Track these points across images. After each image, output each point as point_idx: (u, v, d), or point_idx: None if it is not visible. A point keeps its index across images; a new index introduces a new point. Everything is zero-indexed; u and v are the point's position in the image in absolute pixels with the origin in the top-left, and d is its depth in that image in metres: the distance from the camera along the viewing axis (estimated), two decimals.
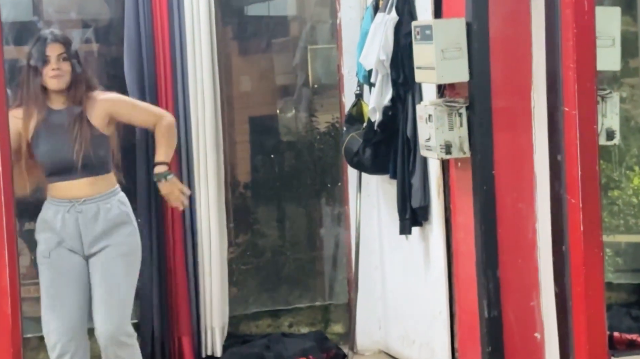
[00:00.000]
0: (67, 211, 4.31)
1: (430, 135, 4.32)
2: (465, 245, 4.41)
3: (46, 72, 4.29)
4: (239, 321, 5.45)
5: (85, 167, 4.30)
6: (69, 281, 4.32)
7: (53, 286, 4.33)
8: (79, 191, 4.31)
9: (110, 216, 4.33)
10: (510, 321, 4.19)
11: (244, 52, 5.71)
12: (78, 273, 4.34)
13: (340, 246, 5.62)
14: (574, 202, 3.49)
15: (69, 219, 4.31)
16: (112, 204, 4.35)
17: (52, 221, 4.32)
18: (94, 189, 4.33)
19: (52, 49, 4.30)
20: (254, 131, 5.68)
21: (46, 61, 4.28)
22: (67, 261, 4.32)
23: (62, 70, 4.30)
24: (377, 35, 4.71)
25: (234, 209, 5.53)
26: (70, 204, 4.30)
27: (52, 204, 4.34)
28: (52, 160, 4.30)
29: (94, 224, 4.31)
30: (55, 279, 4.32)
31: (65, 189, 4.31)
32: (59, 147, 4.29)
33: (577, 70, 3.40)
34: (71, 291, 4.32)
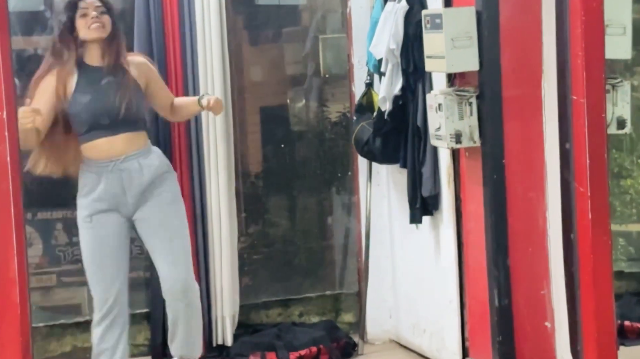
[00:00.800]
0: (110, 170, 4.28)
1: (441, 124, 4.32)
2: (476, 234, 4.41)
3: (85, 24, 4.25)
4: (249, 310, 5.45)
5: (125, 121, 4.26)
6: (113, 244, 4.33)
7: (98, 251, 4.32)
8: (118, 149, 4.28)
9: (152, 170, 4.33)
10: (520, 309, 4.19)
11: (254, 42, 5.71)
12: (121, 235, 4.35)
13: (351, 236, 5.62)
14: (583, 191, 3.48)
15: (112, 180, 4.28)
16: (151, 158, 4.36)
17: (94, 185, 4.29)
18: (133, 146, 4.31)
19: (90, 2, 4.29)
20: (265, 121, 5.68)
21: (84, 15, 4.26)
22: (111, 224, 4.31)
23: (102, 20, 4.29)
24: (388, 24, 4.70)
25: (245, 199, 5.53)
26: (112, 163, 4.28)
27: (92, 167, 4.30)
28: (93, 113, 4.24)
29: (139, 180, 4.30)
30: (99, 243, 4.31)
31: (105, 148, 4.27)
32: (100, 100, 4.25)
33: (585, 58, 3.40)
34: (116, 254, 4.34)
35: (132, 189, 4.31)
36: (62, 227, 5.27)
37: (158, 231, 4.35)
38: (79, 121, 4.28)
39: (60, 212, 5.24)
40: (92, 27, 4.25)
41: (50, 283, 5.29)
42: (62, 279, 5.30)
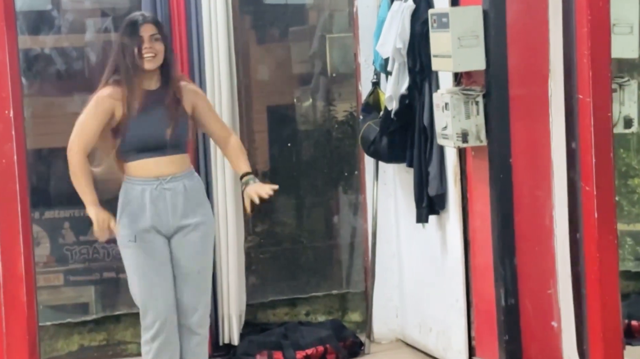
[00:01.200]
0: (155, 188, 4.28)
1: (447, 123, 4.32)
2: (482, 233, 4.41)
3: (140, 53, 4.28)
4: (256, 310, 5.46)
5: (174, 145, 4.29)
6: (161, 262, 4.30)
7: (147, 269, 4.27)
8: (166, 168, 4.28)
9: (194, 193, 4.34)
10: (527, 309, 4.19)
11: (261, 41, 5.72)
12: (166, 253, 4.32)
13: (357, 235, 5.62)
14: (589, 190, 3.48)
15: (157, 197, 4.27)
16: (194, 181, 4.37)
17: (139, 201, 4.28)
18: (179, 167, 4.32)
19: (145, 29, 4.29)
20: (272, 120, 5.69)
21: (139, 42, 4.28)
22: (156, 242, 4.28)
23: (155, 49, 4.30)
24: (394, 24, 4.70)
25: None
26: (157, 182, 4.28)
27: (137, 184, 4.28)
28: (145, 137, 4.25)
29: (183, 201, 4.30)
30: (147, 261, 4.27)
31: (153, 167, 4.28)
32: (154, 125, 4.26)
33: (591, 57, 3.39)
34: (164, 272, 4.30)
35: (176, 209, 4.31)
36: (69, 226, 5.28)
37: (190, 262, 4.34)
38: (129, 142, 4.29)
39: (67, 211, 5.25)
40: (145, 57, 4.27)
41: (58, 281, 5.30)
42: (69, 278, 5.32)
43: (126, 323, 5.31)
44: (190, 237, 4.32)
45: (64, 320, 5.22)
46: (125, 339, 5.32)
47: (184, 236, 4.32)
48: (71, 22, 5.20)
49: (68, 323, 5.23)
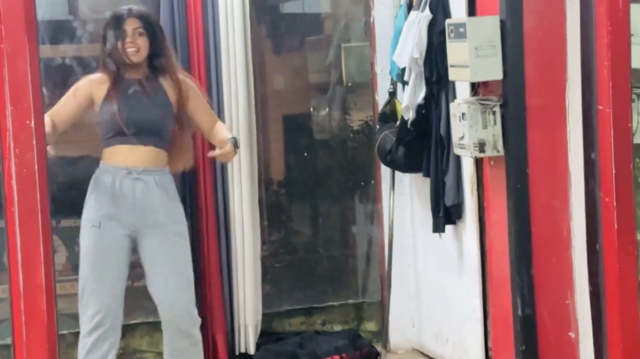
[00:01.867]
0: (124, 177, 4.28)
1: (464, 133, 4.31)
2: (499, 243, 4.39)
3: (122, 46, 4.31)
4: (272, 319, 5.46)
5: (151, 134, 4.29)
6: (117, 256, 4.28)
7: (99, 258, 4.27)
8: (139, 159, 4.29)
9: (165, 193, 4.33)
10: (544, 319, 4.17)
11: (277, 50, 5.73)
12: (124, 249, 4.30)
13: (374, 244, 5.62)
14: (608, 201, 3.47)
15: (126, 187, 4.27)
16: (167, 179, 4.36)
17: (109, 186, 4.27)
18: (154, 161, 4.32)
19: (129, 23, 4.33)
20: (288, 129, 5.69)
21: (122, 36, 4.31)
22: (117, 234, 4.27)
23: (137, 44, 4.32)
24: (411, 33, 4.71)
25: (267, 207, 5.54)
26: (128, 171, 4.29)
27: (109, 169, 4.29)
28: (120, 118, 4.26)
29: (152, 196, 4.29)
30: (104, 251, 4.27)
31: (127, 154, 4.28)
32: (132, 108, 4.29)
33: (611, 68, 3.38)
34: (116, 266, 4.29)
35: (142, 204, 4.29)
36: None
37: (164, 262, 4.33)
38: (104, 126, 4.31)
39: None
40: (127, 51, 4.29)
41: (74, 290, 5.30)
42: None
43: (142, 331, 5.31)
44: (159, 242, 4.29)
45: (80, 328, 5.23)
46: (141, 348, 5.33)
47: (155, 236, 4.29)
48: (90, 32, 5.22)
49: None
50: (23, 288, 2.78)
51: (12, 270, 2.81)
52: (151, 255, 4.32)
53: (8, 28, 2.81)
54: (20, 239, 2.78)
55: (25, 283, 2.77)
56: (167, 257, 4.32)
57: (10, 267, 2.81)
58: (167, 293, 4.31)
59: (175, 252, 4.33)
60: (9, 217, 2.81)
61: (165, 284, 4.31)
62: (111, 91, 4.31)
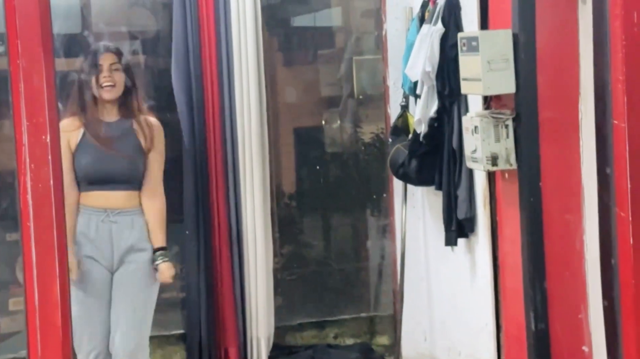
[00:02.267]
0: (102, 220, 4.30)
1: (476, 146, 4.31)
2: (512, 257, 4.38)
3: (98, 82, 4.30)
4: (284, 332, 5.46)
5: (127, 180, 4.31)
6: (100, 294, 4.30)
7: (84, 298, 4.29)
8: (115, 202, 4.31)
9: (142, 231, 4.34)
10: (557, 334, 4.16)
11: (289, 63, 5.74)
12: (106, 286, 4.32)
13: (386, 257, 5.61)
14: (624, 216, 3.45)
15: (102, 229, 4.29)
16: (141, 220, 4.36)
17: (85, 230, 4.30)
18: (130, 202, 4.33)
19: (104, 58, 4.32)
20: (300, 142, 5.70)
21: (98, 71, 4.31)
22: (97, 273, 4.30)
23: (114, 79, 4.32)
24: (423, 47, 4.71)
25: (279, 220, 5.55)
26: (105, 213, 4.30)
27: (85, 213, 4.31)
28: (95, 170, 4.29)
29: (128, 235, 4.31)
30: (85, 290, 4.29)
31: (103, 199, 4.31)
32: (106, 158, 4.29)
33: (626, 82, 3.37)
34: (101, 304, 4.31)
35: (119, 244, 4.31)
36: None
37: (127, 298, 4.33)
38: (79, 174, 4.31)
39: None
40: (103, 86, 4.29)
41: None
42: None
43: (154, 345, 5.31)
44: (127, 274, 4.30)
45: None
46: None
47: (123, 272, 4.30)
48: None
49: None
50: (38, 303, 2.78)
51: (27, 285, 2.81)
52: (117, 289, 4.33)
53: (24, 43, 2.82)
54: (36, 254, 2.78)
55: (41, 298, 2.77)
56: (130, 293, 4.32)
57: (26, 282, 2.81)
58: (119, 327, 4.31)
59: (139, 289, 4.34)
60: (25, 232, 2.81)
61: (120, 320, 4.31)
62: (84, 140, 4.31)
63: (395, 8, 5.35)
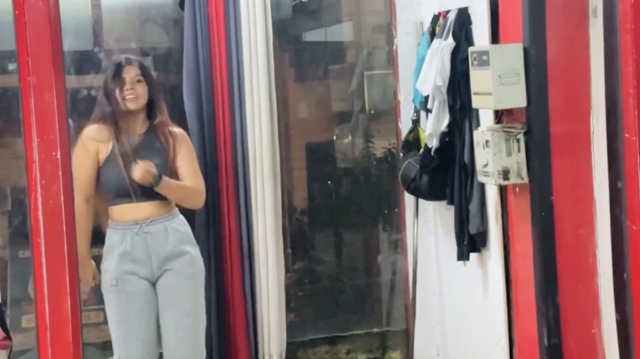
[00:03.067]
0: (135, 233, 4.32)
1: (488, 161, 4.30)
2: (524, 271, 4.37)
3: (121, 94, 4.33)
4: (296, 348, 5.45)
5: (154, 192, 4.33)
6: (141, 308, 4.31)
7: (126, 315, 4.30)
8: (144, 213, 4.33)
9: (177, 235, 4.36)
10: (570, 349, 4.14)
11: (301, 79, 5.75)
12: (148, 299, 4.33)
13: (398, 272, 5.60)
14: (635, 229, 3.45)
15: (137, 242, 4.31)
16: (177, 222, 4.39)
17: (120, 246, 4.32)
18: (160, 210, 4.36)
19: (127, 71, 4.35)
20: (311, 157, 5.71)
21: (121, 83, 4.33)
22: (137, 287, 4.30)
23: (137, 91, 4.35)
24: (434, 61, 4.71)
25: (291, 235, 5.55)
26: (137, 226, 4.32)
27: (118, 229, 4.34)
28: (125, 183, 4.31)
29: (164, 243, 4.32)
30: (127, 307, 4.30)
31: (132, 212, 4.33)
32: (129, 171, 4.31)
33: (637, 96, 3.37)
34: (144, 319, 4.31)
35: (157, 252, 4.32)
36: None
37: (174, 303, 4.34)
38: (107, 187, 4.34)
39: None
40: (127, 98, 4.32)
41: (98, 319, 5.32)
42: None
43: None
44: (173, 281, 4.31)
45: (105, 358, 5.24)
46: None
47: (167, 279, 4.31)
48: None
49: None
50: (49, 320, 2.79)
51: (38, 301, 2.82)
52: (163, 297, 4.33)
53: (35, 60, 2.84)
54: (47, 270, 2.79)
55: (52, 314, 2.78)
56: (177, 299, 4.33)
57: (37, 298, 2.82)
58: (174, 336, 4.30)
59: (186, 294, 4.34)
60: (35, 248, 2.82)
61: (171, 329, 4.31)
62: (114, 153, 4.33)
63: (406, 23, 5.36)
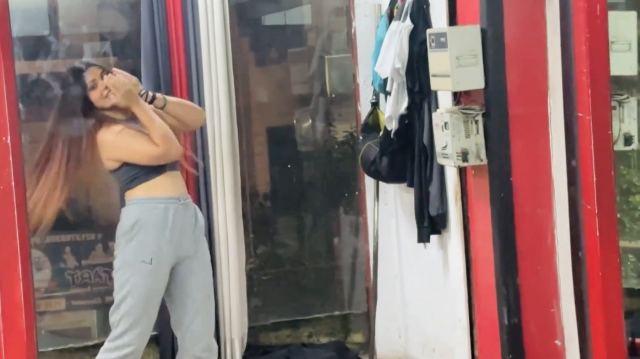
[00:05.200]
0: (177, 207, 4.22)
1: (447, 142, 4.31)
2: (484, 252, 4.39)
3: (100, 95, 4.26)
4: (258, 332, 5.44)
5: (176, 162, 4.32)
6: (160, 293, 4.24)
7: (149, 296, 4.20)
8: (181, 186, 4.29)
9: (200, 218, 4.35)
10: (530, 328, 4.17)
11: (260, 63, 5.72)
12: (166, 283, 4.26)
13: (359, 255, 5.61)
14: (590, 208, 3.47)
15: (180, 216, 4.22)
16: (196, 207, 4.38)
17: (160, 221, 4.19)
18: (185, 188, 4.34)
19: (91, 72, 4.29)
20: (272, 142, 5.69)
21: (93, 87, 4.27)
22: (165, 269, 4.21)
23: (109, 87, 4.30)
24: (392, 44, 4.70)
25: (253, 220, 5.53)
26: (179, 201, 4.25)
27: (159, 203, 4.21)
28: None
29: (195, 224, 4.29)
30: (152, 288, 4.20)
31: (172, 184, 4.24)
32: None
33: (590, 75, 3.39)
34: (158, 302, 4.26)
35: (193, 229, 4.28)
36: (70, 251, 5.27)
37: (201, 287, 4.30)
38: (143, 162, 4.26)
39: (68, 236, 5.24)
40: (107, 96, 4.25)
41: (59, 306, 5.29)
42: (71, 303, 5.30)
43: None
44: (199, 263, 4.30)
45: (65, 345, 5.21)
46: None
47: (192, 263, 4.29)
48: (68, 47, 5.21)
49: (70, 348, 5.22)
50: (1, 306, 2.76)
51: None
52: (191, 281, 4.28)
53: None
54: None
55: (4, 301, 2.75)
56: (203, 284, 4.31)
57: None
58: (200, 319, 4.28)
59: (208, 280, 4.34)
60: None
61: (199, 309, 4.28)
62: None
63: (364, 6, 5.35)
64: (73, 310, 5.31)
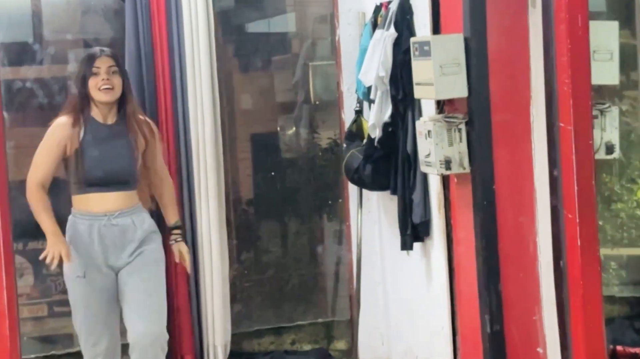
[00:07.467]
0: (104, 224, 4.29)
1: (430, 151, 4.32)
2: (467, 260, 4.40)
3: (96, 84, 4.29)
4: (241, 339, 5.44)
5: (125, 181, 4.33)
6: (107, 299, 4.32)
7: (93, 305, 4.30)
8: (114, 204, 4.31)
9: (145, 227, 4.38)
10: (512, 335, 4.18)
11: (244, 70, 5.73)
12: (113, 290, 4.35)
13: (342, 263, 5.61)
14: (571, 217, 3.48)
15: (106, 233, 4.29)
16: (143, 216, 4.38)
17: (87, 237, 4.29)
18: (128, 202, 4.35)
19: (102, 61, 4.31)
20: (256, 148, 5.69)
21: (96, 73, 4.29)
22: (105, 278, 4.31)
23: (112, 82, 4.31)
24: (376, 52, 4.72)
25: (236, 226, 5.53)
26: (106, 217, 4.29)
27: (85, 219, 4.30)
28: (97, 171, 4.29)
29: (132, 236, 4.32)
30: (93, 297, 4.30)
31: (102, 202, 4.30)
32: (107, 159, 4.30)
33: (572, 85, 3.40)
34: (108, 308, 4.33)
35: (124, 245, 4.31)
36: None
37: (140, 286, 4.34)
38: (79, 175, 4.29)
39: None
40: (101, 89, 4.28)
41: (42, 313, 5.27)
42: (53, 309, 5.28)
43: None
44: (138, 265, 4.34)
45: (48, 352, 5.20)
46: None
47: (134, 264, 4.34)
48: (53, 54, 5.21)
49: (52, 355, 5.20)
50: None
51: None
52: (128, 282, 4.33)
53: None
54: None
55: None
56: (141, 282, 4.33)
57: None
58: (139, 317, 4.30)
59: (149, 275, 4.34)
60: None
61: (138, 307, 4.30)
62: (86, 141, 4.30)
63: (348, 14, 5.36)
64: (55, 317, 5.29)
